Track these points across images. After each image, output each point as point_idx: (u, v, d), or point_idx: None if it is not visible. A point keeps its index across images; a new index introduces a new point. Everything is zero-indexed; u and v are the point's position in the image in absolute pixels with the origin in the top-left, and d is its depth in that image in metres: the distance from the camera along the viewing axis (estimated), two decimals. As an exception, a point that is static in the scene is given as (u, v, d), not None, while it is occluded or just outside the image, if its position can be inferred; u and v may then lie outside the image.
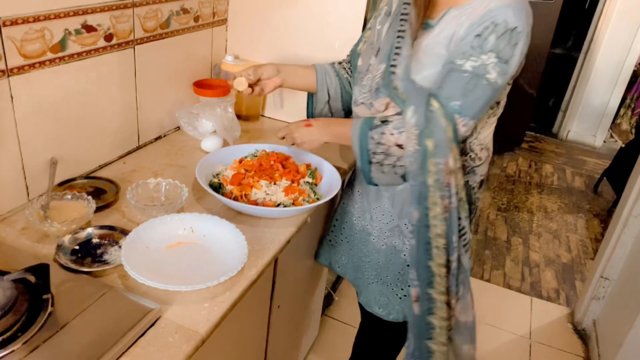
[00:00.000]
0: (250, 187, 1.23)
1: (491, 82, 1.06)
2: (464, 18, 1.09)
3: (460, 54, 1.07)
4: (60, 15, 1.12)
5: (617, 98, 4.35)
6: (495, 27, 1.04)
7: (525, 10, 1.06)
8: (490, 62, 1.05)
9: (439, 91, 1.09)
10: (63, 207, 1.11)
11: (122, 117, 1.39)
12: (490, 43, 1.04)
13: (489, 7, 1.05)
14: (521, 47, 1.07)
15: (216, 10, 1.67)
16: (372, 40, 1.27)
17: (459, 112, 1.08)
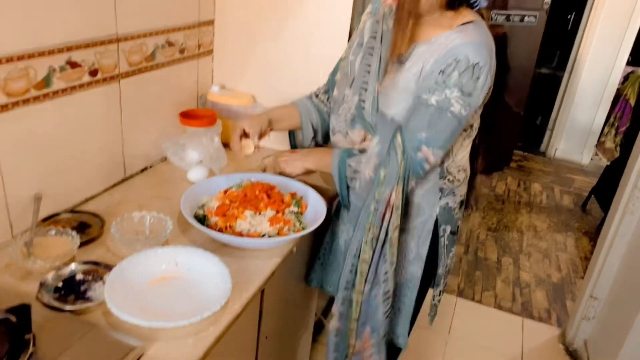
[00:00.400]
0: (235, 218, 1.24)
1: (455, 114, 1.13)
2: (429, 54, 1.15)
3: (426, 89, 1.14)
4: (45, 53, 1.13)
5: (602, 116, 4.41)
6: (458, 63, 1.10)
7: (485, 46, 1.12)
8: (454, 95, 1.12)
9: (406, 123, 1.16)
10: (47, 243, 1.11)
11: (107, 150, 1.40)
12: (453, 78, 1.11)
13: (452, 45, 1.12)
14: (483, 81, 1.13)
15: (202, 42, 1.70)
16: (346, 71, 1.32)
17: (426, 143, 1.15)
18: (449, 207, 1.34)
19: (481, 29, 1.15)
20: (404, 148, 1.16)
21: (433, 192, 1.31)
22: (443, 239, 1.36)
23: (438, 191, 1.31)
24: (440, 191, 1.31)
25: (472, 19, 1.16)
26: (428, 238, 1.34)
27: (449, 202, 1.33)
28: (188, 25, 1.61)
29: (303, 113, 1.44)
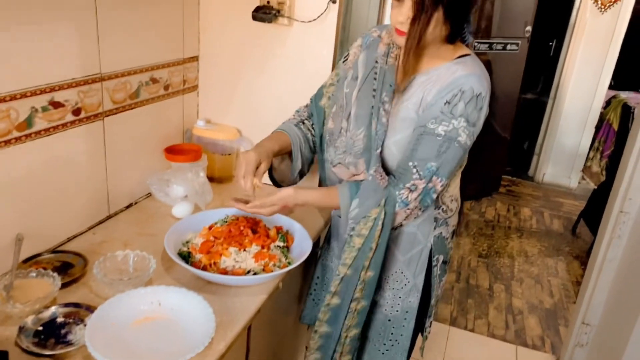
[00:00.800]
0: (219, 255, 1.23)
1: (462, 144, 1.16)
2: (430, 85, 1.19)
3: (431, 118, 1.16)
4: (27, 94, 1.13)
5: (587, 140, 4.47)
6: (463, 94, 1.14)
7: (485, 77, 1.18)
8: (461, 126, 1.14)
9: (414, 153, 1.17)
10: (27, 285, 1.09)
11: (91, 188, 1.39)
12: (459, 109, 1.14)
13: (455, 76, 1.16)
14: (485, 110, 1.18)
15: (187, 78, 1.71)
16: (341, 103, 1.32)
17: (436, 173, 1.16)
18: (443, 236, 1.35)
19: (478, 61, 1.21)
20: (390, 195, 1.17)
21: (428, 222, 1.31)
22: (436, 268, 1.36)
23: (433, 221, 1.32)
24: (435, 221, 1.32)
25: (468, 52, 1.22)
26: (424, 268, 1.34)
27: (442, 231, 1.35)
28: (173, 62, 1.62)
29: (294, 143, 1.39)
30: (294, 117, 1.47)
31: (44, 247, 1.27)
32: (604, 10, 4.20)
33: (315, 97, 1.43)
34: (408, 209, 1.19)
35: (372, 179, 1.18)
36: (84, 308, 1.07)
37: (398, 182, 1.18)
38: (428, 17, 1.09)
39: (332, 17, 1.55)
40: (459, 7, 1.12)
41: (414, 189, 1.17)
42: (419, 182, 1.17)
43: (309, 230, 1.41)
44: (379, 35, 1.32)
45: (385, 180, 1.19)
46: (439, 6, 1.08)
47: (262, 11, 1.54)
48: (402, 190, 1.18)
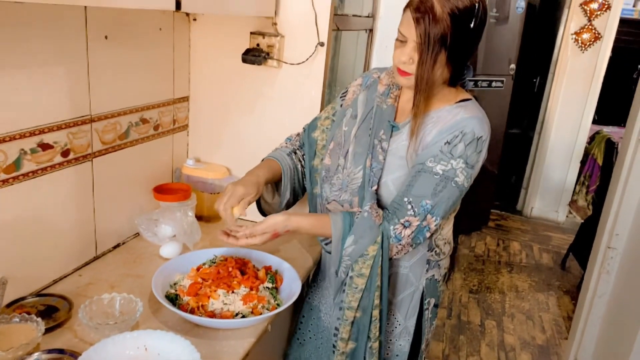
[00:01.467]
0: (207, 297, 1.21)
1: (458, 184, 1.16)
2: (430, 125, 1.20)
3: (430, 157, 1.17)
4: (16, 136, 1.14)
5: (573, 174, 4.53)
6: (464, 136, 1.16)
7: (486, 121, 1.20)
8: (459, 167, 1.15)
9: (409, 189, 1.17)
10: (9, 331, 1.07)
11: (78, 229, 1.38)
12: (459, 150, 1.15)
13: (457, 119, 1.18)
14: (484, 154, 1.20)
15: (176, 117, 1.73)
16: (339, 141, 1.33)
17: (431, 212, 1.16)
18: (435, 279, 1.34)
19: (479, 106, 1.23)
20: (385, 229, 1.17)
21: (420, 264, 1.31)
22: (427, 312, 1.35)
23: (425, 263, 1.31)
24: (427, 263, 1.32)
25: (469, 96, 1.24)
26: (415, 311, 1.33)
27: (434, 274, 1.34)
28: (163, 102, 1.64)
29: (285, 172, 1.38)
30: (286, 145, 1.47)
31: (29, 290, 1.25)
32: (584, 49, 4.34)
33: (309, 128, 1.44)
34: (400, 245, 1.18)
35: (367, 215, 1.17)
36: (68, 354, 1.05)
37: (393, 216, 1.17)
38: (433, 58, 1.10)
39: (321, 59, 1.58)
40: (461, 51, 1.14)
41: (407, 225, 1.16)
42: (413, 219, 1.16)
43: (298, 269, 1.40)
44: (378, 77, 1.34)
45: (380, 217, 1.18)
46: (442, 48, 1.10)
47: (252, 54, 1.57)
48: (397, 225, 1.16)
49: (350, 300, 1.20)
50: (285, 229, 1.22)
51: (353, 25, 1.98)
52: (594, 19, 4.25)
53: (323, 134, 1.40)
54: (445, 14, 1.08)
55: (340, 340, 1.24)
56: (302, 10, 1.55)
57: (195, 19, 1.69)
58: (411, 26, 1.11)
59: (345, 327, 1.22)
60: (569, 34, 4.37)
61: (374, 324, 1.21)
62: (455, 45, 1.11)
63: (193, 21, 1.70)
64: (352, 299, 1.20)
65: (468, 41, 1.14)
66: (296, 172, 1.42)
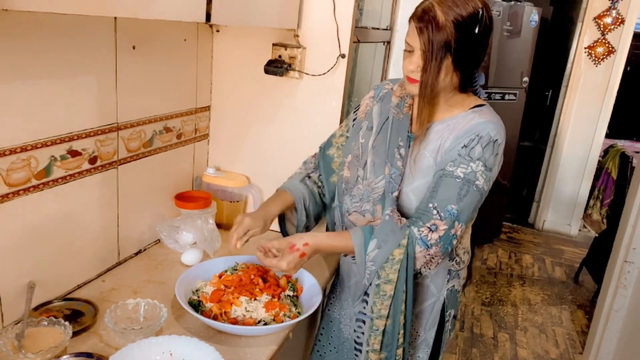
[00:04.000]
0: (230, 304, 1.23)
1: (479, 188, 1.16)
2: (447, 132, 1.21)
3: (449, 161, 1.17)
4: (47, 143, 1.16)
5: (586, 188, 4.51)
6: (480, 139, 1.16)
7: (501, 125, 1.21)
8: (479, 169, 1.15)
9: (433, 194, 1.16)
10: (38, 334, 1.09)
11: (102, 235, 1.40)
12: (477, 152, 1.16)
13: (472, 123, 1.19)
14: (500, 157, 1.20)
15: (198, 126, 1.75)
16: (356, 153, 1.34)
17: (457, 218, 1.15)
18: (455, 289, 1.34)
19: (493, 111, 1.24)
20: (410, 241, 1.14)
21: (442, 273, 1.30)
22: (448, 323, 1.34)
23: (447, 273, 1.31)
24: (448, 273, 1.31)
25: (483, 102, 1.25)
26: (435, 322, 1.32)
27: (455, 284, 1.33)
28: (186, 111, 1.67)
29: (298, 201, 1.40)
30: (300, 170, 1.48)
31: (55, 294, 1.27)
32: (597, 63, 4.34)
33: (325, 146, 1.46)
34: (429, 254, 1.14)
35: (389, 219, 1.16)
36: (95, 358, 1.06)
37: (417, 220, 1.15)
38: (438, 64, 1.11)
39: (341, 70, 1.61)
40: (467, 55, 1.14)
41: (434, 229, 1.14)
42: (440, 223, 1.14)
43: (318, 278, 1.41)
44: (391, 88, 1.35)
45: (402, 220, 1.17)
46: (447, 54, 1.11)
47: (274, 65, 1.59)
48: (422, 228, 1.14)
49: (380, 309, 1.18)
50: (302, 241, 1.20)
51: (372, 37, 2.01)
52: (607, 32, 4.26)
53: (338, 150, 1.42)
54: (448, 21, 1.09)
55: (372, 352, 1.21)
56: (324, 23, 1.58)
57: (218, 30, 1.73)
58: (416, 35, 1.13)
59: (377, 337, 1.20)
60: (582, 47, 4.38)
61: (401, 331, 1.20)
62: (460, 51, 1.12)
63: (216, 32, 1.73)
64: (381, 307, 1.18)
65: (474, 47, 1.15)
66: (312, 197, 1.42)
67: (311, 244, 1.20)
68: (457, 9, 1.09)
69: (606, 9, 4.22)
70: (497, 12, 3.77)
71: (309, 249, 1.20)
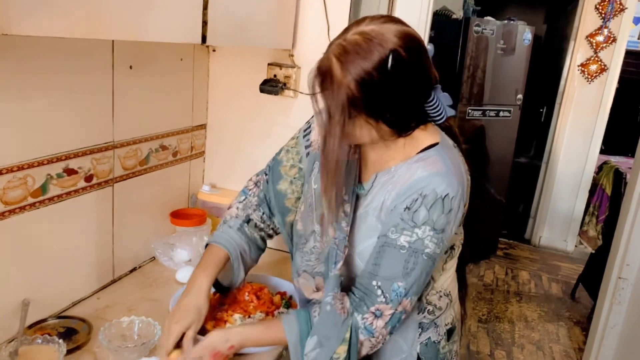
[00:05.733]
0: (224, 321, 1.23)
1: (430, 255, 0.99)
2: (391, 186, 1.04)
3: (392, 226, 1.00)
4: (44, 162, 1.18)
5: (581, 204, 4.53)
6: (424, 198, 0.98)
7: (454, 173, 1.00)
8: (426, 235, 0.98)
9: (376, 269, 1.01)
10: (32, 352, 1.09)
11: (97, 252, 1.41)
12: (421, 216, 0.97)
13: (414, 178, 1.00)
14: (455, 211, 1.00)
15: (194, 144, 1.77)
16: (310, 202, 1.16)
17: (405, 295, 1.00)
18: (432, 342, 1.16)
19: (444, 153, 1.02)
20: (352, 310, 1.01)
21: (412, 329, 1.14)
22: None
23: (417, 327, 1.14)
24: (419, 327, 1.14)
25: (434, 139, 1.04)
26: None
27: (430, 336, 1.15)
28: (182, 129, 1.69)
29: (234, 259, 1.21)
30: (237, 213, 1.29)
31: (49, 312, 1.27)
32: (591, 80, 4.39)
33: (272, 177, 1.27)
34: (373, 338, 1.01)
35: (330, 310, 0.99)
36: (88, 376, 1.06)
37: (361, 303, 1.01)
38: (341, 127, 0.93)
39: (336, 89, 1.63)
40: (383, 106, 0.95)
41: (379, 315, 0.99)
42: (385, 307, 0.99)
43: (312, 296, 1.42)
44: None
45: (346, 310, 1.00)
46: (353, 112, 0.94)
47: (269, 84, 1.62)
48: (366, 315, 1.00)
49: None
50: (227, 344, 1.05)
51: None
52: (599, 50, 4.32)
53: (292, 185, 1.24)
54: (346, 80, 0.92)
55: None
56: (319, 43, 1.60)
57: (214, 50, 1.75)
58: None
59: None
60: (575, 65, 4.43)
61: None
62: (371, 105, 0.94)
63: (212, 52, 1.76)
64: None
65: (390, 94, 0.95)
66: (252, 245, 1.26)
67: (237, 345, 1.06)
68: (356, 67, 0.91)
69: (598, 27, 4.29)
70: (490, 31, 3.83)
71: (234, 351, 1.07)
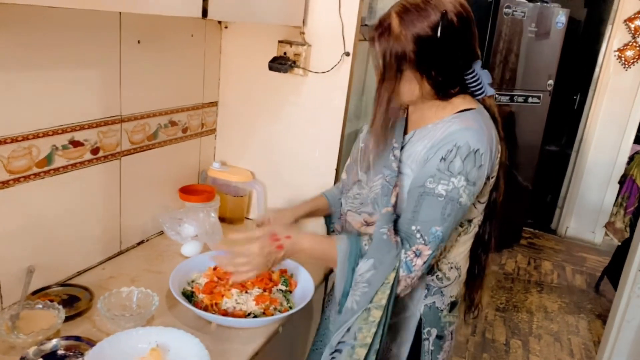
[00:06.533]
0: (221, 295, 1.25)
1: (463, 205, 1.08)
2: (426, 140, 1.14)
3: (428, 177, 1.08)
4: (49, 133, 1.20)
5: (611, 195, 4.38)
6: (459, 149, 1.06)
7: (485, 133, 1.09)
8: (461, 185, 1.06)
9: (415, 216, 1.09)
10: (33, 316, 1.12)
11: (104, 224, 1.44)
12: (457, 166, 1.06)
13: (449, 131, 1.09)
14: (485, 168, 1.09)
15: (205, 121, 1.78)
16: (356, 157, 1.31)
17: (442, 239, 1.08)
18: (435, 307, 1.22)
19: (480, 116, 1.13)
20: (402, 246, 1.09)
21: (419, 287, 1.20)
22: (427, 342, 1.23)
23: (424, 288, 1.21)
24: (426, 288, 1.21)
25: (473, 106, 1.15)
26: (409, 339, 1.23)
27: (435, 301, 1.22)
28: (192, 106, 1.69)
29: (333, 204, 1.43)
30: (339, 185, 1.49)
31: (54, 279, 1.31)
32: (627, 67, 4.21)
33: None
34: (410, 277, 1.09)
35: (386, 238, 1.09)
36: (84, 342, 1.09)
37: (405, 242, 1.09)
38: (394, 75, 1.08)
39: (346, 68, 1.60)
40: (432, 65, 1.08)
41: (419, 254, 1.08)
42: (424, 248, 1.08)
43: (314, 274, 1.42)
44: None
45: (398, 241, 1.09)
46: (404, 65, 1.07)
47: (278, 62, 1.60)
48: (409, 251, 1.08)
49: (366, 336, 1.08)
50: (286, 234, 1.17)
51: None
52: (638, 35, 4.13)
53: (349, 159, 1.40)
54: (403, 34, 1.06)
55: None
56: (330, 21, 1.58)
57: (226, 27, 1.75)
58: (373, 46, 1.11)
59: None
60: (611, 50, 4.25)
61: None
62: (421, 60, 1.07)
63: (225, 29, 1.75)
64: (367, 335, 1.08)
65: (439, 53, 1.08)
66: None
67: (294, 238, 1.17)
68: (414, 24, 1.05)
69: (637, 11, 4.09)
70: (521, 14, 3.70)
71: (289, 242, 1.17)
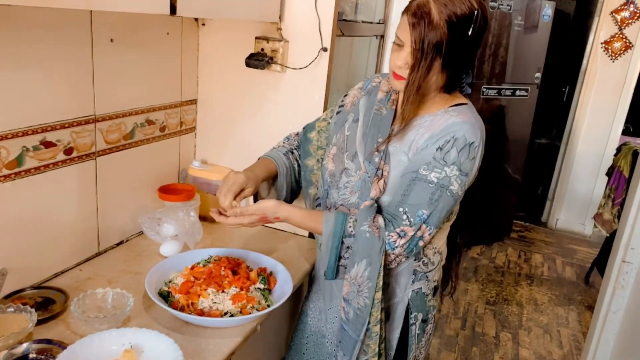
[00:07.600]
0: (197, 295, 1.23)
1: (453, 193, 1.14)
2: (422, 130, 1.18)
3: (423, 164, 1.14)
4: (19, 134, 1.18)
5: (600, 187, 4.39)
6: (456, 141, 1.13)
7: (479, 127, 1.16)
8: (453, 174, 1.13)
9: (404, 198, 1.15)
10: (4, 320, 1.11)
11: (81, 225, 1.42)
12: (452, 156, 1.12)
13: (448, 123, 1.15)
14: (477, 162, 1.16)
15: (184, 119, 1.76)
16: (341, 146, 1.31)
17: (426, 222, 1.14)
18: (422, 292, 1.29)
19: (474, 111, 1.20)
20: (385, 227, 1.15)
21: (406, 274, 1.26)
22: (414, 327, 1.29)
23: (411, 274, 1.27)
24: (413, 274, 1.27)
25: (465, 101, 1.21)
26: (399, 325, 1.28)
27: (421, 286, 1.29)
28: (170, 104, 1.68)
29: (281, 173, 1.39)
30: (283, 144, 1.46)
31: (29, 282, 1.29)
32: (614, 59, 4.22)
33: (308, 128, 1.44)
34: (393, 253, 1.15)
35: (370, 236, 1.14)
36: (56, 345, 1.08)
37: (389, 225, 1.15)
38: (428, 64, 1.09)
39: (324, 64, 1.59)
40: (457, 58, 1.12)
41: (402, 235, 1.14)
42: (408, 229, 1.14)
43: (293, 272, 1.41)
44: (379, 83, 1.33)
45: (380, 232, 1.14)
46: (437, 55, 1.08)
47: (255, 58, 1.59)
48: (392, 233, 1.14)
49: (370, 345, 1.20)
50: (274, 215, 1.21)
51: (362, 31, 1.99)
52: (624, 27, 4.14)
53: (318, 134, 1.41)
54: (442, 20, 1.06)
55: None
56: (306, 16, 1.57)
57: (204, 24, 1.73)
58: (407, 31, 1.09)
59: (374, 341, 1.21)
60: (598, 42, 4.26)
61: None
62: (451, 53, 1.09)
63: (202, 26, 1.73)
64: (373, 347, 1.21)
65: (465, 48, 1.12)
66: (292, 171, 1.42)
67: (282, 218, 1.22)
68: (453, 7, 1.06)
69: (623, 2, 4.10)
70: (507, 7, 3.69)
71: (278, 221, 1.23)
